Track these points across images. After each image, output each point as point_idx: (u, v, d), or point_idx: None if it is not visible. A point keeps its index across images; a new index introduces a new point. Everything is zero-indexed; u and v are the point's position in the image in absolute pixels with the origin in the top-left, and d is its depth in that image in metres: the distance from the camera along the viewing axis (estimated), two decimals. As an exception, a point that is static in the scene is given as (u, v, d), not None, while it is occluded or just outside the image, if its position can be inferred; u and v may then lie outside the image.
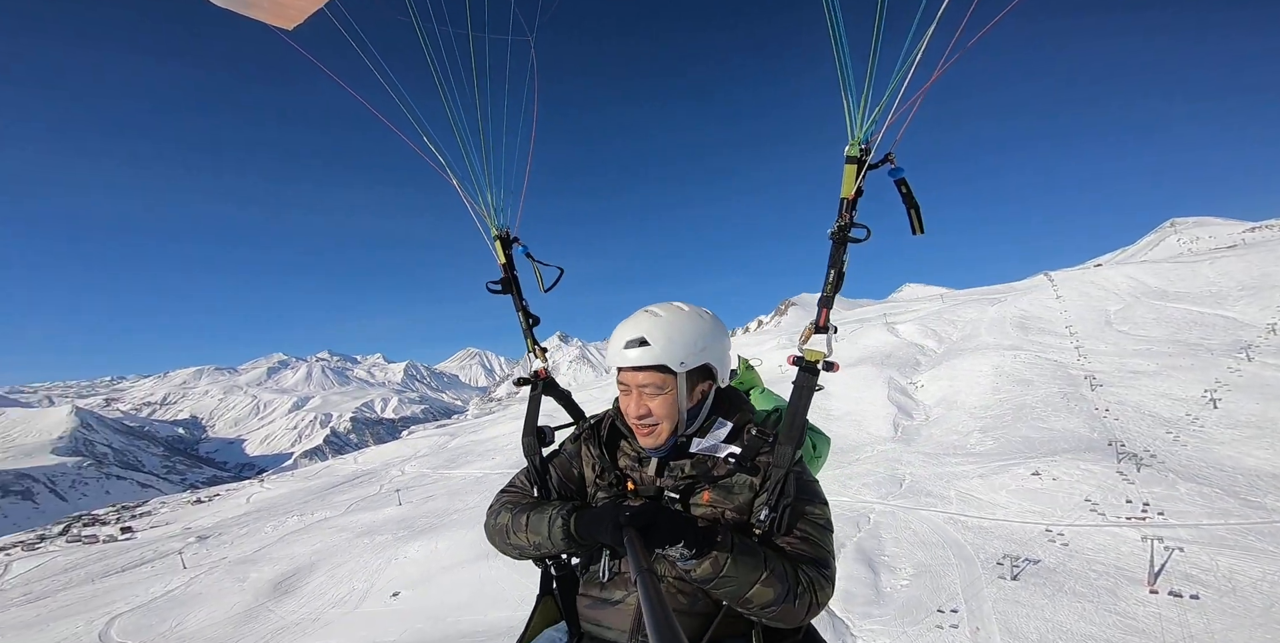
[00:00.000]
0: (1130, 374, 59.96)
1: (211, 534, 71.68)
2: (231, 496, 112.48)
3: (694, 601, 1.45)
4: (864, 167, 1.42)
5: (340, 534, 58.36)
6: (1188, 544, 31.50)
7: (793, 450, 1.45)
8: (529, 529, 1.52)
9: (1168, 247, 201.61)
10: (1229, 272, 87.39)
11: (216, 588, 46.97)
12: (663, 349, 1.45)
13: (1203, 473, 39.33)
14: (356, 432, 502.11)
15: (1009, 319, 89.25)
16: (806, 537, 1.43)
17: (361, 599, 40.20)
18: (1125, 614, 27.07)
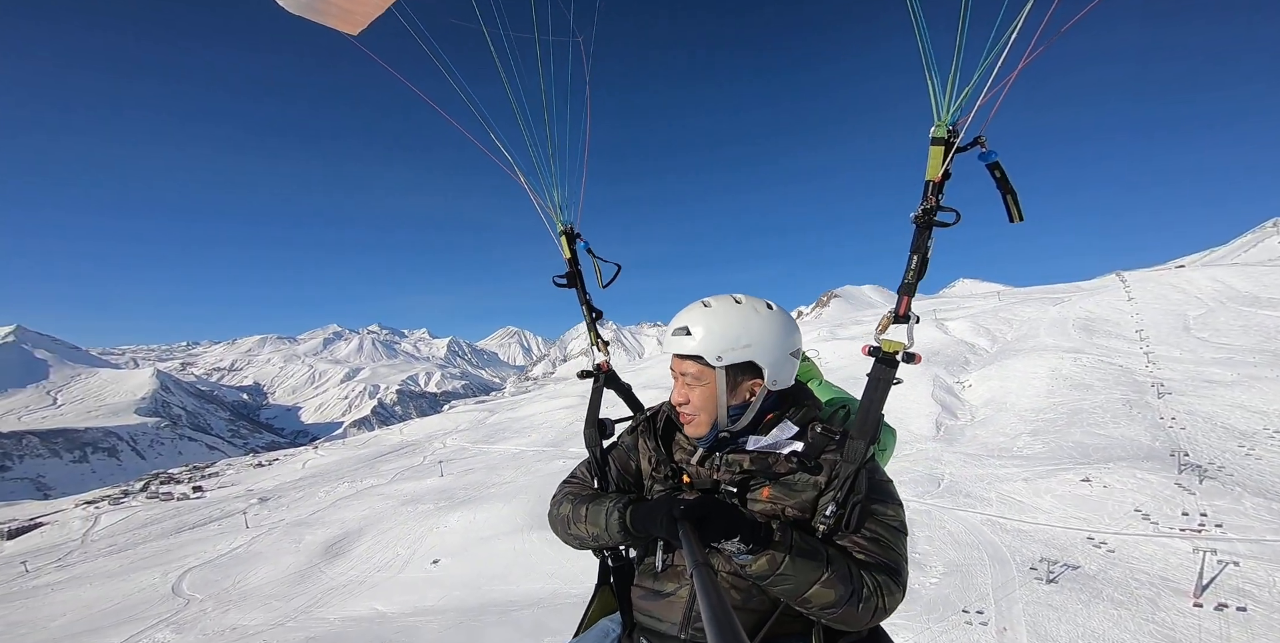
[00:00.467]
0: (1205, 383, 55.60)
1: (272, 496, 77.81)
2: (289, 460, 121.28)
3: (748, 597, 1.43)
4: (952, 149, 1.35)
5: (386, 502, 62.30)
6: (1245, 558, 29.81)
7: (865, 446, 1.39)
8: (588, 521, 1.54)
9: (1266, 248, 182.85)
10: (1334, 275, 79.03)
11: (275, 548, 51.14)
12: (701, 341, 1.43)
13: (1272, 488, 36.67)
14: (401, 404, 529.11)
15: (1072, 320, 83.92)
16: (877, 538, 1.37)
17: (404, 565, 43.05)
18: (1163, 624, 26.10)
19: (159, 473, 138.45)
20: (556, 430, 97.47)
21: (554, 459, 72.34)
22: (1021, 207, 1.39)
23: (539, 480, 60.91)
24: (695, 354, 1.44)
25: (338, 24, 1.92)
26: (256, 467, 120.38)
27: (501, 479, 65.02)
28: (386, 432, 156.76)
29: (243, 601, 39.52)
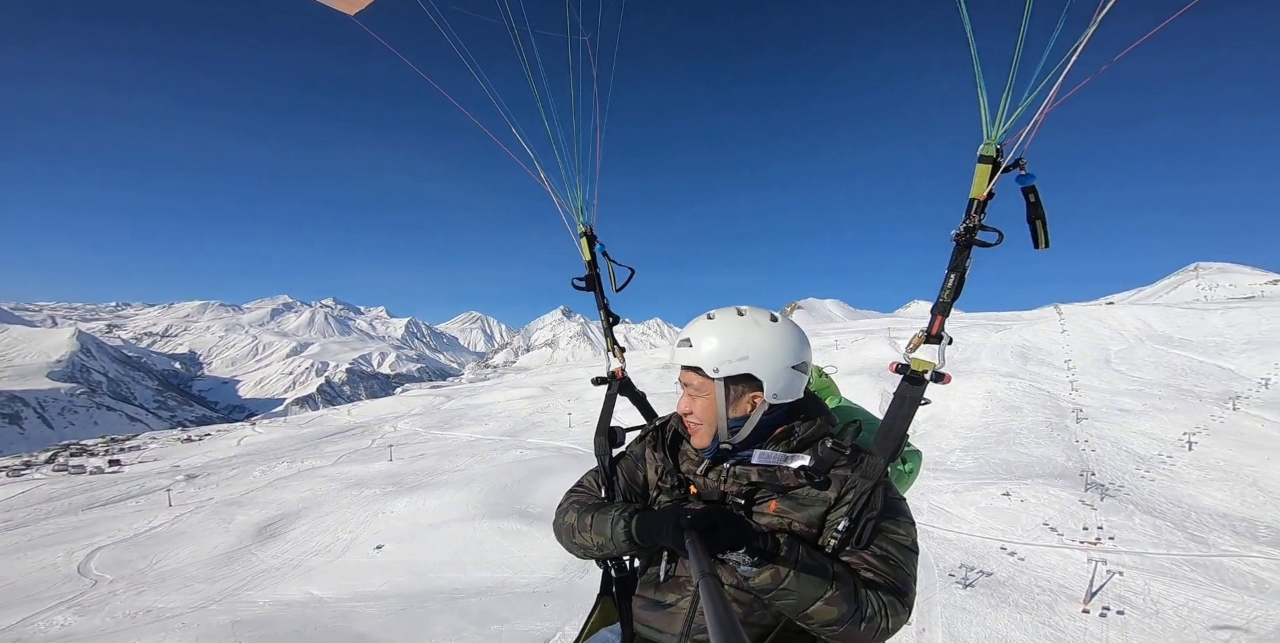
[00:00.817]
0: (1116, 411, 61.06)
1: (200, 474, 73.64)
2: (222, 436, 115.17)
3: (750, 610, 1.41)
4: (999, 169, 1.34)
5: (329, 484, 60.41)
6: (1128, 569, 33.44)
7: (885, 463, 1.39)
8: (593, 530, 1.53)
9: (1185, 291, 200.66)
10: (1238, 323, 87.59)
11: (201, 528, 48.59)
12: (700, 352, 1.45)
13: (1161, 507, 41.01)
14: (351, 384, 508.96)
15: (1010, 347, 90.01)
16: (887, 557, 1.35)
17: (345, 550, 42.04)
18: (1056, 627, 29.02)
19: (69, 444, 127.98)
20: (516, 420, 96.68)
21: (511, 449, 71.89)
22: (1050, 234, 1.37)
23: (495, 469, 60.50)
24: (693, 366, 1.47)
25: (336, 3, 1.89)
26: (185, 441, 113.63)
27: (454, 466, 64.20)
28: (333, 412, 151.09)
29: (160, 582, 37.52)
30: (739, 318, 1.48)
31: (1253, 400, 60.51)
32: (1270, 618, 28.12)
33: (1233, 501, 42.07)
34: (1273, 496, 42.58)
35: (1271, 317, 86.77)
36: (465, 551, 39.91)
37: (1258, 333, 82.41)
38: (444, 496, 50.80)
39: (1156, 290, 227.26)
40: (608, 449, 1.79)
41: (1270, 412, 57.10)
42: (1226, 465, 46.91)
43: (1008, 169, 1.34)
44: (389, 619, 29.56)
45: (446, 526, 43.92)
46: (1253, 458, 47.77)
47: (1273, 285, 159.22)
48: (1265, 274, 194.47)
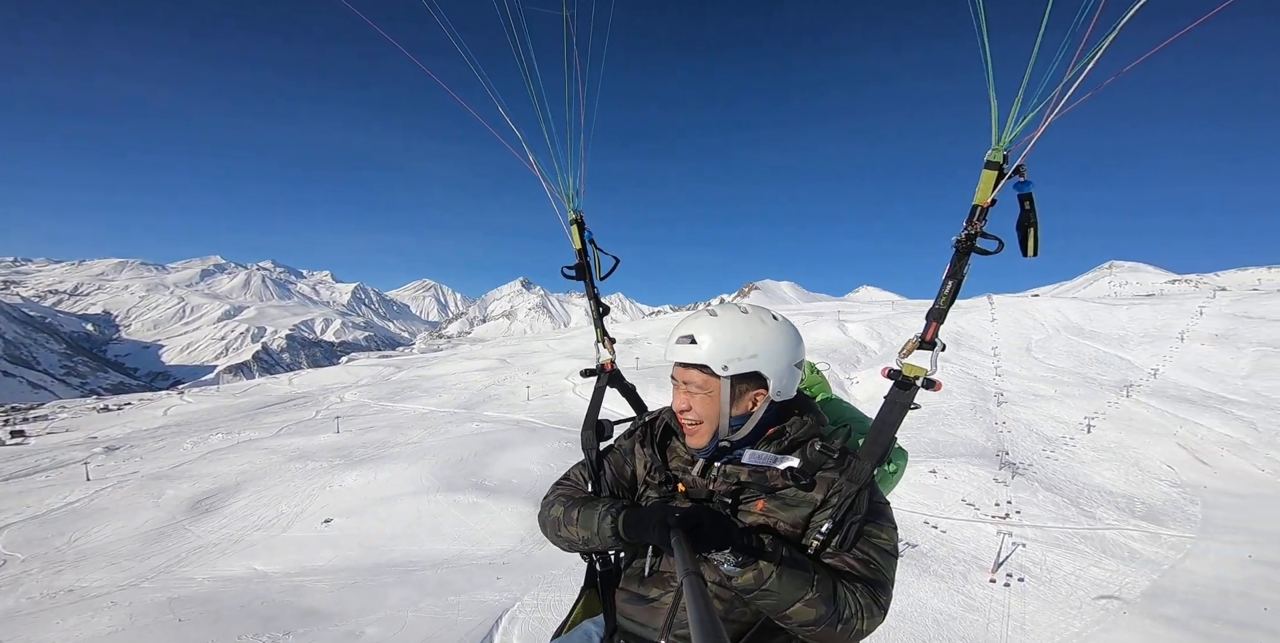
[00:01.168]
0: (1032, 396, 67.30)
1: (122, 446, 68.59)
2: (145, 406, 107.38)
3: (731, 608, 1.43)
4: (1004, 176, 1.34)
5: (270, 456, 58.03)
6: (1030, 542, 37.62)
7: (871, 467, 1.41)
8: (579, 524, 1.53)
9: (1099, 287, 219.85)
10: (1139, 318, 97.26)
11: (126, 503, 45.70)
12: (707, 350, 1.42)
13: (1060, 485, 46.14)
14: (291, 351, 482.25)
15: (945, 333, 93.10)
16: (868, 560, 1.37)
17: (290, 524, 40.92)
18: (968, 595, 32.41)
19: None
20: (471, 392, 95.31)
21: (467, 422, 71.12)
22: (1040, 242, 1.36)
23: (450, 441, 59.92)
24: (701, 363, 1.44)
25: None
26: (102, 411, 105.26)
27: (407, 439, 63.05)
28: (272, 381, 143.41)
29: (81, 561, 35.34)
30: (744, 316, 1.48)
31: (1143, 388, 68.14)
32: (1138, 584, 32.38)
33: (1118, 479, 47.65)
34: (1150, 474, 48.67)
35: (1166, 313, 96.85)
36: (419, 523, 39.84)
37: (1153, 327, 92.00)
38: (396, 468, 50.07)
39: (1076, 285, 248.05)
40: (595, 443, 1.77)
41: (1156, 399, 64.55)
42: (1116, 447, 53.03)
43: (1009, 176, 1.34)
44: (341, 593, 29.40)
45: (399, 499, 43.50)
46: (1137, 441, 54.16)
47: (1171, 285, 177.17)
48: (1167, 274, 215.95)
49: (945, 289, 1.40)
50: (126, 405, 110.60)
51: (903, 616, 30.79)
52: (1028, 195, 1.35)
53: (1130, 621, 28.91)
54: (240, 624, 25.47)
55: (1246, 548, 36.03)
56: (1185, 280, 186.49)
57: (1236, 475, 48.87)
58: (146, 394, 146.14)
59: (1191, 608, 29.88)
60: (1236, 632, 27.49)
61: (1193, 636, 27.37)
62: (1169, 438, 54.65)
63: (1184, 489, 45.88)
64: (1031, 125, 1.27)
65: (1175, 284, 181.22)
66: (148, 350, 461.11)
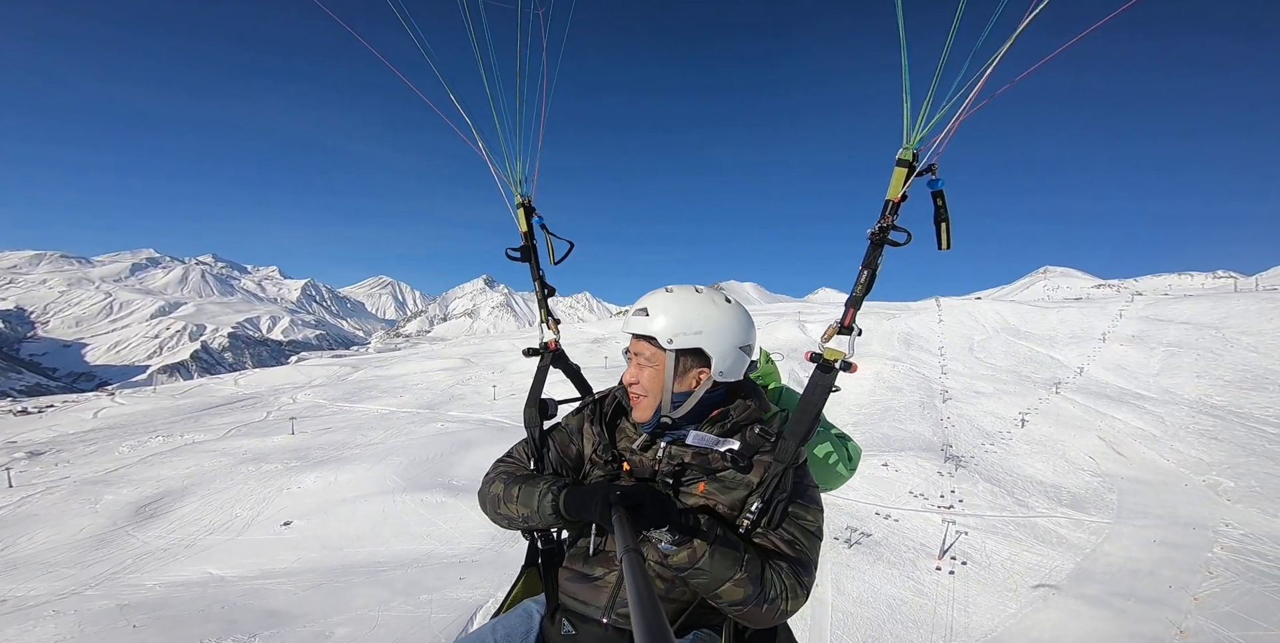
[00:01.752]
0: (973, 393, 72.16)
1: (48, 450, 63.82)
2: (71, 409, 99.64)
3: (671, 587, 1.48)
4: (913, 172, 1.42)
5: (219, 459, 55.36)
6: (971, 530, 40.55)
7: (795, 446, 1.44)
8: (519, 501, 1.54)
9: (1035, 290, 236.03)
10: (1068, 320, 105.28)
11: (59, 509, 42.75)
12: (656, 322, 1.48)
13: (997, 476, 49.84)
14: (234, 350, 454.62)
15: (897, 334, 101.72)
16: (793, 540, 1.41)
17: (246, 527, 39.41)
18: (917, 580, 34.70)
19: None
20: (434, 393, 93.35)
21: (430, 422, 69.81)
22: (952, 236, 1.45)
23: (414, 442, 58.80)
24: (650, 335, 1.49)
25: None
26: (19, 414, 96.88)
27: (367, 440, 61.43)
28: (215, 381, 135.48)
29: (11, 570, 33.03)
30: (696, 294, 1.55)
31: (1070, 385, 74.24)
32: (1065, 567, 35.31)
33: (1047, 470, 51.45)
34: (1074, 465, 52.92)
35: (1091, 316, 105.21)
36: (385, 524, 39.21)
37: (1079, 329, 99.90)
38: (358, 469, 48.86)
39: (1014, 289, 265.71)
40: (538, 421, 1.80)
41: (1081, 396, 70.35)
42: (1045, 440, 57.54)
43: (921, 173, 1.42)
44: (305, 594, 28.75)
45: (363, 499, 42.58)
46: (1064, 434, 58.87)
47: (1097, 289, 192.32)
48: (1093, 279, 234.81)
49: (861, 278, 1.49)
50: (49, 408, 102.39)
51: (860, 601, 32.81)
52: (939, 192, 1.44)
53: (1059, 601, 31.62)
54: (200, 628, 24.65)
55: (1153, 531, 39.82)
56: (1109, 285, 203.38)
57: (1146, 465, 53.38)
58: (70, 396, 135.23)
59: (1109, 587, 32.86)
60: (1146, 608, 30.49)
61: (1109, 612, 30.19)
62: (1091, 431, 59.61)
63: (1104, 478, 49.94)
64: (939, 127, 1.38)
65: (1100, 289, 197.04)
66: (68, 349, 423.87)
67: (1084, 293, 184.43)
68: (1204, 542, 37.80)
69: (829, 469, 1.80)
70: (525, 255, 2.13)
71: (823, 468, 1.82)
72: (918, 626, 31.18)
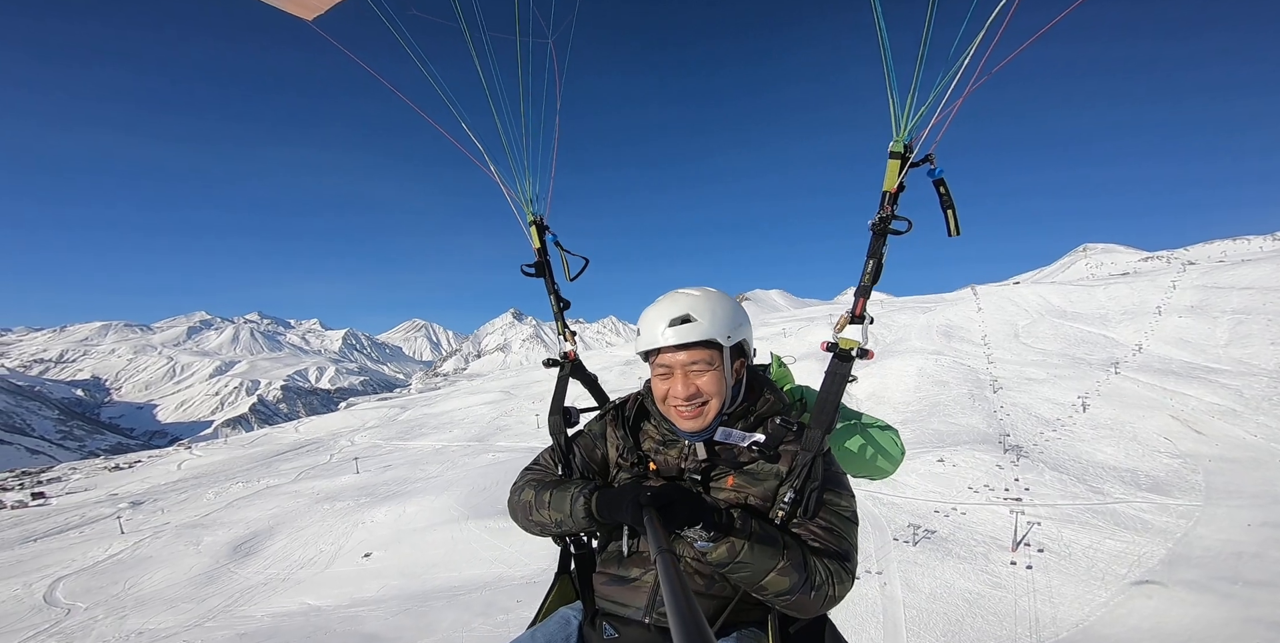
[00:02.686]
0: (1025, 380, 69.85)
1: (145, 500, 69.80)
2: (156, 463, 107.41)
3: (710, 583, 1.47)
4: (907, 163, 1.45)
5: (296, 500, 58.97)
6: (1045, 520, 39.30)
7: (821, 435, 1.45)
8: (551, 507, 1.54)
9: (1077, 270, 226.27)
10: (1117, 296, 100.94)
11: (168, 551, 46.93)
12: (710, 324, 1.47)
13: (1064, 464, 48.07)
14: (288, 401, 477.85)
15: (936, 327, 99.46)
16: (831, 528, 1.41)
17: (331, 560, 42.05)
18: (992, 573, 33.96)
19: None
20: (481, 425, 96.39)
21: (481, 453, 72.40)
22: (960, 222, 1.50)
23: (471, 473, 61.15)
24: (708, 338, 1.47)
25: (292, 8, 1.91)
26: (113, 470, 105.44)
27: (427, 474, 64.18)
28: (278, 430, 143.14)
29: (142, 606, 36.54)
30: (714, 292, 1.59)
31: (1130, 364, 70.97)
32: (1155, 553, 34.04)
33: (1119, 454, 49.18)
34: (1149, 447, 50.40)
35: (1142, 290, 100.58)
36: (455, 551, 41.08)
37: (1131, 304, 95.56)
38: (423, 501, 51.25)
39: (1054, 270, 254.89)
40: (563, 428, 1.82)
41: (1144, 374, 67.08)
42: (1112, 424, 55.01)
43: (916, 164, 1.47)
44: (396, 619, 30.62)
45: (432, 529, 44.71)
46: (1132, 416, 56.24)
47: (1144, 263, 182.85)
48: (1138, 252, 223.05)
49: (868, 268, 1.52)
50: (137, 463, 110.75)
51: (934, 597, 32.34)
52: (940, 181, 1.47)
53: (1155, 589, 30.26)
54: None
55: (1250, 512, 37.77)
56: (1157, 257, 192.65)
57: (1230, 442, 50.48)
58: (152, 451, 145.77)
59: (1209, 572, 31.35)
60: (1256, 591, 28.92)
61: (1215, 597, 28.71)
62: (1162, 411, 56.77)
63: (1184, 459, 47.66)
64: (927, 118, 1.42)
65: (1147, 261, 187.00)
66: (141, 410, 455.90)
67: (1131, 267, 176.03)
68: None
69: (866, 463, 1.85)
70: (539, 271, 2.19)
71: (859, 461, 1.87)
72: (1000, 619, 30.47)
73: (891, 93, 1.42)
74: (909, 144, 1.46)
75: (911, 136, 1.46)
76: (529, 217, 2.17)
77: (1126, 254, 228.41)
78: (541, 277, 2.18)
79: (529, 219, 2.17)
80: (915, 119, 1.43)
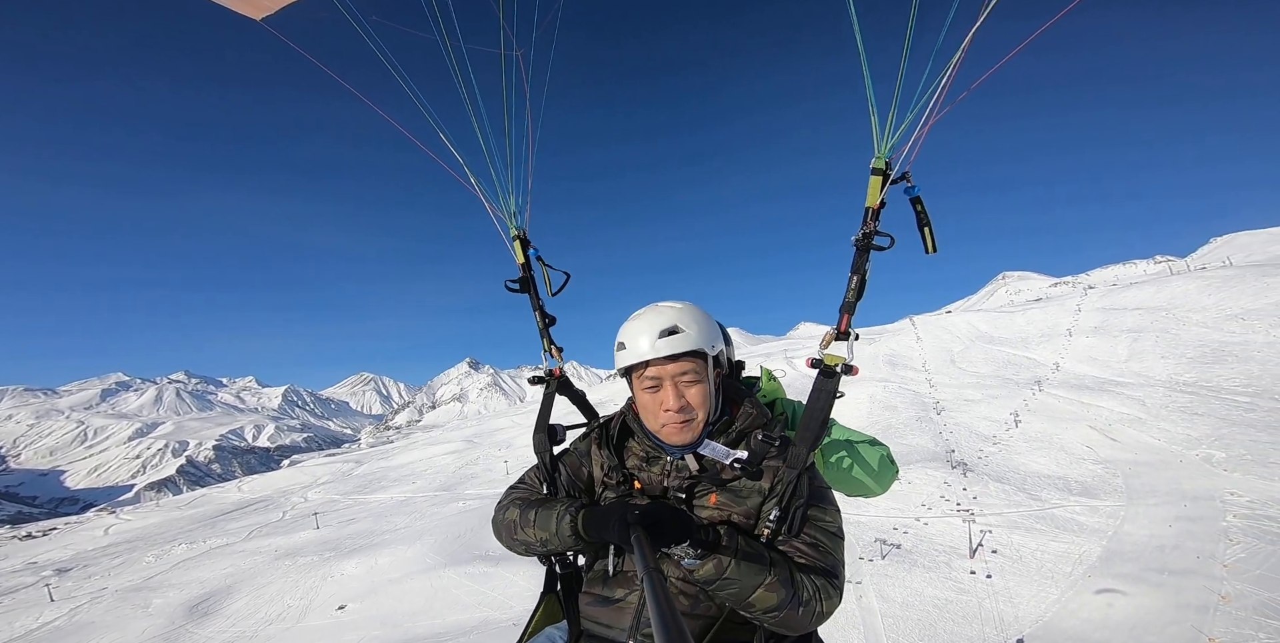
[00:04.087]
0: (964, 401, 76.13)
1: (73, 566, 63.15)
2: (76, 529, 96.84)
3: (696, 603, 1.46)
4: (888, 179, 1.49)
5: (252, 558, 55.30)
6: (995, 527, 42.81)
7: (807, 452, 1.45)
8: (536, 525, 1.53)
9: (999, 297, 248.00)
10: (1034, 321, 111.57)
11: (112, 616, 42.90)
12: (697, 334, 1.50)
13: (1005, 476, 52.67)
14: (221, 461, 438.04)
15: (881, 356, 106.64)
16: (817, 544, 1.41)
17: (303, 614, 39.93)
18: (956, 580, 36.42)
19: None
20: (446, 475, 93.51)
21: (450, 502, 70.33)
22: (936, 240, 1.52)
23: (442, 522, 59.46)
24: (696, 348, 1.49)
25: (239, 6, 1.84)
26: (25, 538, 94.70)
27: (394, 526, 61.76)
28: (217, 490, 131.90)
29: (91, 679, 33.64)
30: (691, 305, 1.62)
31: (1051, 382, 78.77)
32: (1093, 551, 37.05)
33: (1050, 463, 53.81)
34: (1075, 456, 54.93)
35: (1053, 314, 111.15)
36: (436, 598, 40.12)
37: (1046, 327, 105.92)
38: (395, 552, 49.59)
39: (979, 298, 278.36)
40: (548, 446, 1.79)
41: (1062, 390, 74.31)
42: (1041, 436, 60.23)
43: (895, 181, 1.52)
44: (381, 666, 29.89)
45: (408, 579, 43.40)
46: (1057, 428, 61.66)
47: (1054, 288, 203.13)
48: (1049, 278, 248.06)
49: (851, 284, 1.52)
50: (52, 530, 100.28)
51: (906, 605, 34.60)
52: (917, 199, 1.52)
53: (1096, 581, 33.33)
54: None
55: (1166, 508, 41.59)
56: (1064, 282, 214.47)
57: (1140, 447, 55.81)
58: (65, 518, 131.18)
59: (1140, 565, 34.30)
60: (1182, 579, 32.04)
61: (1148, 586, 31.87)
62: (1081, 422, 62.60)
63: (1105, 464, 52.31)
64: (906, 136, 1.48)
65: (1056, 287, 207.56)
66: (46, 477, 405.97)
67: (1043, 293, 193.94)
68: (1216, 512, 39.52)
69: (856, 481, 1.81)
70: (524, 287, 2.16)
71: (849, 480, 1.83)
72: (968, 620, 32.72)
73: (873, 111, 1.48)
74: (889, 161, 1.51)
75: (892, 154, 1.51)
76: (512, 231, 2.17)
77: (1039, 280, 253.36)
78: (526, 292, 2.16)
79: (512, 234, 2.17)
80: (897, 134, 1.49)
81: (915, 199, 1.51)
